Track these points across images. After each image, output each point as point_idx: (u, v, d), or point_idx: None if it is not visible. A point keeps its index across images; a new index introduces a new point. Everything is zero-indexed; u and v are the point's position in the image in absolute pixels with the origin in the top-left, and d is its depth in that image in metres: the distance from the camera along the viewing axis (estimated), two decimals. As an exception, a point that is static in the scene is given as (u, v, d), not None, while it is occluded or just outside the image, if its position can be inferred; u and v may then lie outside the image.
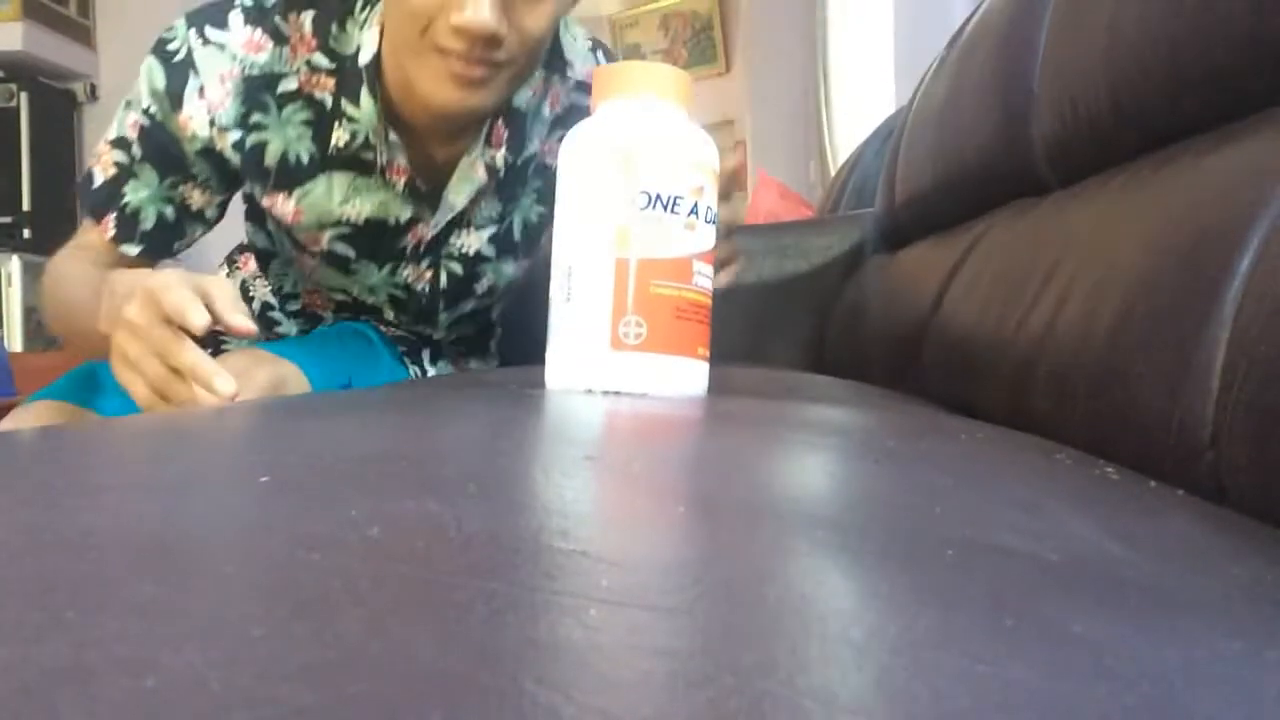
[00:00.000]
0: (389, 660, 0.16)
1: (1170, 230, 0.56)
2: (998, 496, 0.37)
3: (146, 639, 0.17)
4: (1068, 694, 0.18)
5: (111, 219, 0.99)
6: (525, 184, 1.05)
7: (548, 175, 1.05)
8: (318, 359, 1.01)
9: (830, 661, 0.18)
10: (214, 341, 1.17)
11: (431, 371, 1.16)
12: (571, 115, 1.04)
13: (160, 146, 0.97)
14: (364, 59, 0.93)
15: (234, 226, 1.17)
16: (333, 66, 0.94)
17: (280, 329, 1.21)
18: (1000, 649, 0.20)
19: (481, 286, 1.10)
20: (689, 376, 0.61)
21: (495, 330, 1.28)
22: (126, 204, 0.99)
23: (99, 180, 1.00)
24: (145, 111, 0.97)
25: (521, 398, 0.60)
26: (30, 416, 1.00)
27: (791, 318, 1.34)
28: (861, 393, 0.92)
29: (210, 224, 1.04)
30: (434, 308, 1.11)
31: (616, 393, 0.59)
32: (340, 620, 0.18)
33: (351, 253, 1.02)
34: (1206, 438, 0.47)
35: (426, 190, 1.00)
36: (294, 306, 1.19)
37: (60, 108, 4.52)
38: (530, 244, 1.09)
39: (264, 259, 1.18)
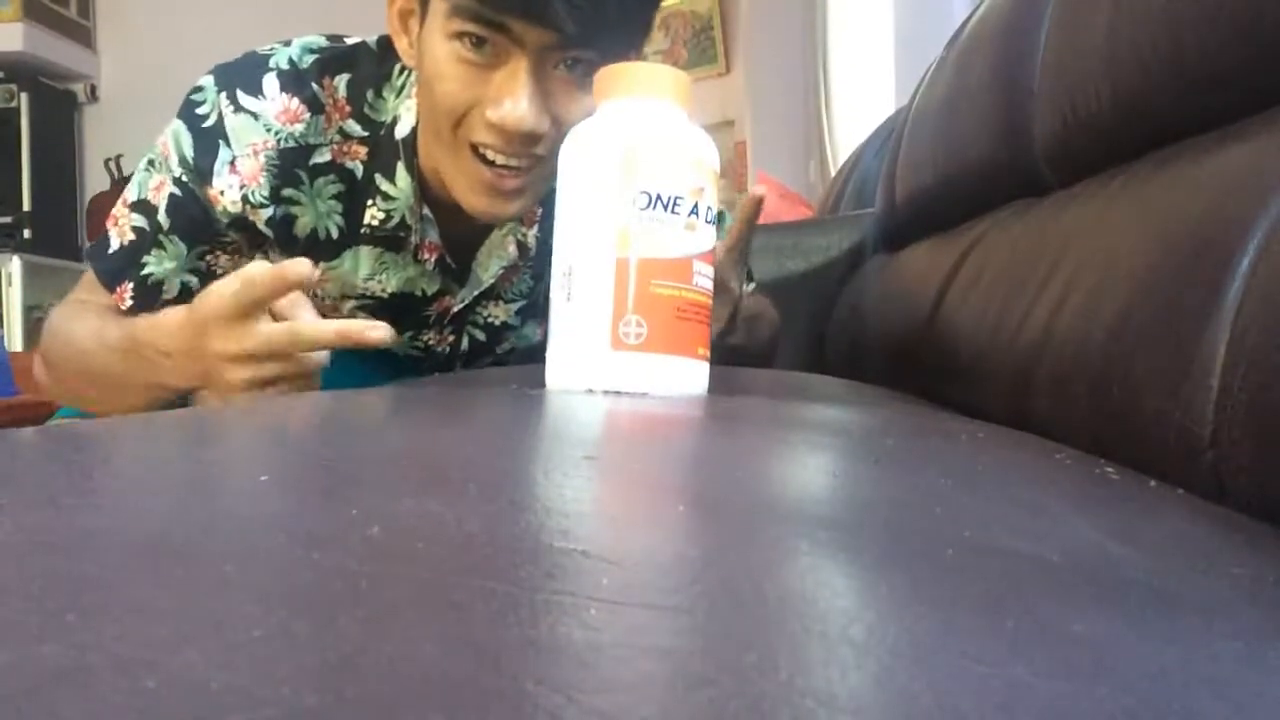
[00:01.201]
0: (389, 661, 0.16)
1: (1170, 230, 0.56)
2: (998, 496, 0.37)
3: (146, 639, 0.17)
4: (1068, 694, 0.18)
5: (129, 289, 0.93)
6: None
7: None
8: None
9: (830, 661, 0.18)
10: None
11: None
12: None
13: (191, 218, 0.92)
14: (401, 132, 0.89)
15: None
16: (366, 135, 0.90)
17: None
18: (1000, 649, 0.20)
19: (503, 348, 1.07)
20: (689, 376, 0.61)
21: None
22: (149, 275, 0.93)
23: (115, 245, 0.94)
24: (176, 180, 0.91)
25: (522, 397, 0.60)
26: None
27: (791, 318, 1.34)
28: (861, 392, 0.92)
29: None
30: (450, 365, 1.09)
31: (617, 393, 0.59)
32: (340, 621, 0.18)
33: (374, 317, 0.97)
34: (1206, 437, 0.47)
35: (456, 266, 0.98)
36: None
37: (61, 108, 4.53)
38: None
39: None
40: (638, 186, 0.57)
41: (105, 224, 0.94)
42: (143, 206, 0.92)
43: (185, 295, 0.92)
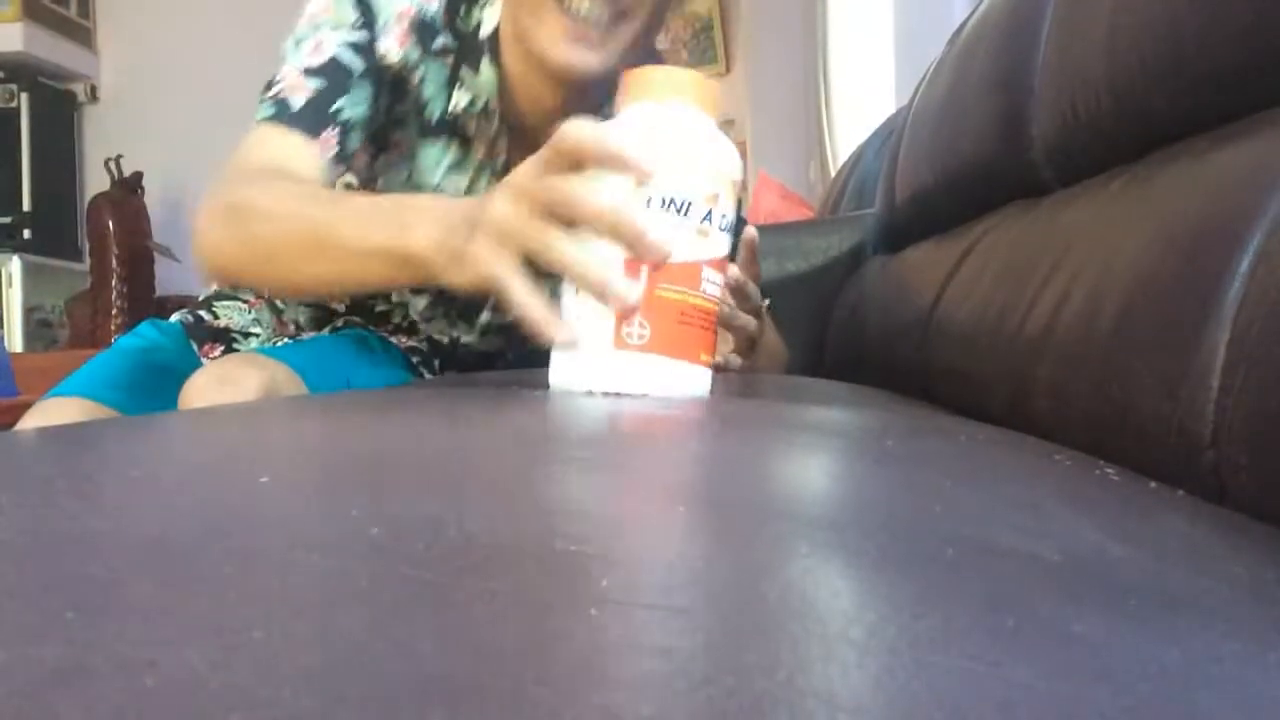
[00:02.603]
0: (389, 661, 0.16)
1: (1170, 230, 0.56)
2: (998, 497, 0.37)
3: (146, 639, 0.17)
4: (1068, 694, 0.18)
5: (334, 134, 0.88)
6: None
7: None
8: (315, 363, 1.01)
9: (831, 661, 0.18)
10: (226, 339, 1.17)
11: None
12: None
13: (364, 72, 0.91)
14: (485, 32, 0.95)
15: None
16: (455, 45, 0.96)
17: (288, 314, 1.19)
18: (1000, 649, 0.20)
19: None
20: (690, 381, 0.61)
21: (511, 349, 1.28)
22: (344, 117, 0.89)
23: (299, 102, 0.87)
24: (353, 25, 0.90)
25: (523, 398, 0.60)
26: (50, 415, 0.99)
27: (791, 318, 1.34)
28: (861, 394, 0.92)
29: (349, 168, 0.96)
30: (478, 306, 1.10)
31: (617, 394, 0.59)
32: (340, 621, 0.18)
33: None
34: (1206, 437, 0.47)
35: None
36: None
37: (60, 108, 4.52)
38: None
39: None
40: (650, 189, 0.57)
41: (276, 85, 0.89)
42: (315, 69, 0.88)
43: (366, 143, 0.93)
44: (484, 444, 0.44)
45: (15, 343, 4.08)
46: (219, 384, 0.95)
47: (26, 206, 4.24)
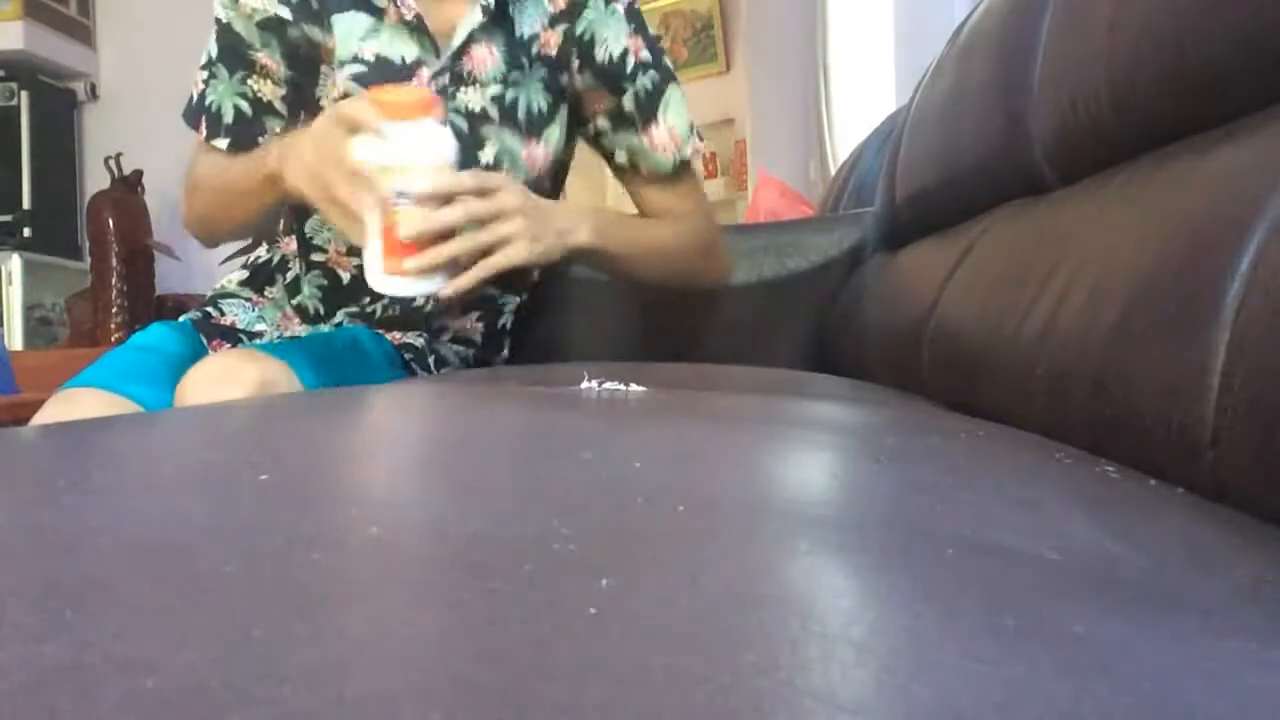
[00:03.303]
0: (389, 660, 0.16)
1: (1170, 229, 0.56)
2: (998, 496, 0.37)
3: (146, 639, 0.17)
4: (1068, 693, 0.18)
5: (203, 121, 1.12)
6: (530, 66, 1.12)
7: (551, 66, 1.12)
8: (310, 360, 1.02)
9: (830, 660, 0.18)
10: (233, 338, 1.19)
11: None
12: (572, 11, 1.11)
13: (230, 45, 1.10)
14: None
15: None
16: None
17: (300, 297, 1.22)
18: (1001, 648, 0.20)
19: (487, 155, 1.11)
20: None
21: (506, 339, 1.29)
22: (210, 104, 1.11)
23: (194, 99, 1.13)
24: (217, 20, 1.10)
25: (519, 396, 0.60)
26: (69, 407, 1.00)
27: (791, 316, 1.34)
28: (861, 391, 0.92)
29: (282, 119, 1.13)
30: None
31: (614, 390, 0.60)
32: (340, 620, 0.18)
33: (363, 91, 1.06)
34: (1206, 437, 0.47)
35: (430, 35, 1.09)
36: (319, 258, 1.21)
37: (61, 106, 4.52)
38: (535, 129, 1.13)
39: (303, 213, 1.21)
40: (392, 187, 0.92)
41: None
42: (205, 65, 1.12)
43: (240, 120, 1.11)
44: (482, 441, 0.44)
45: (15, 340, 4.08)
46: (216, 379, 0.95)
47: (27, 204, 4.24)
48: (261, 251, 1.28)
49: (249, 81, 1.12)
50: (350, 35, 1.09)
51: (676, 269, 1.19)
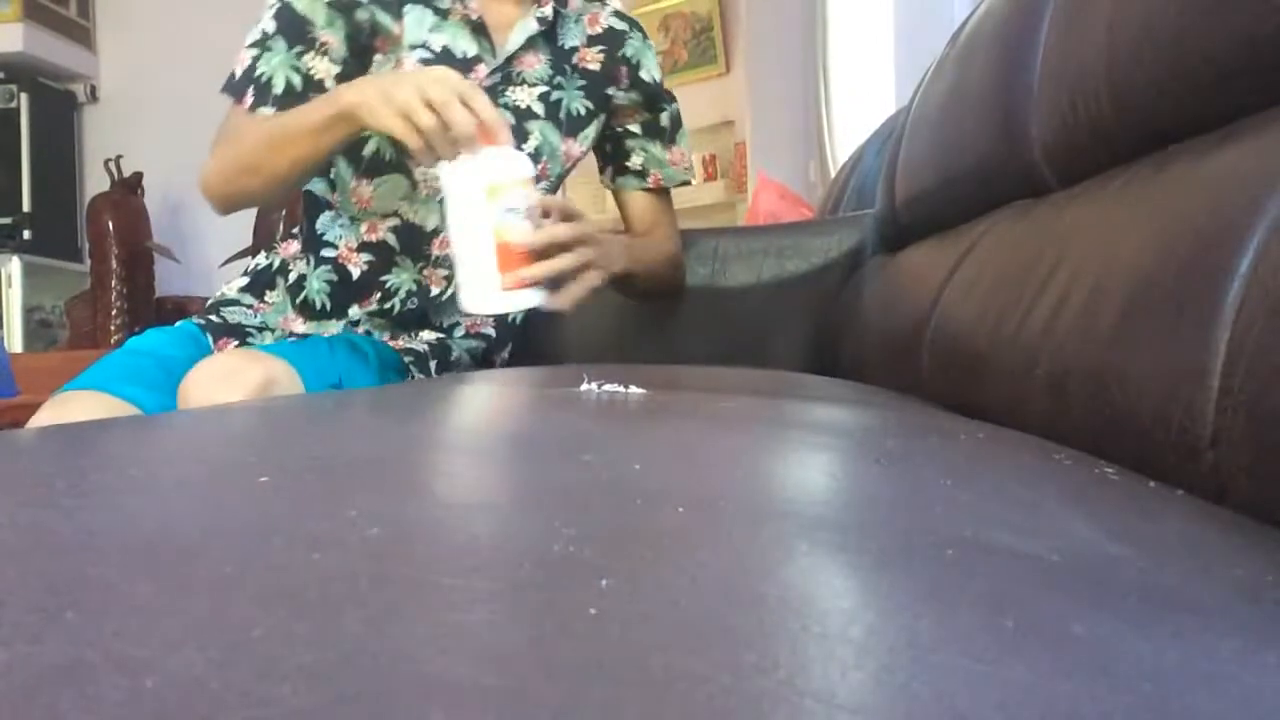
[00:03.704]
0: (389, 661, 0.16)
1: (1170, 230, 0.56)
2: (998, 496, 0.37)
3: (146, 639, 0.17)
4: (1068, 694, 0.18)
5: (250, 90, 1.13)
6: (571, 74, 1.26)
7: (592, 79, 1.27)
8: (309, 360, 1.02)
9: (830, 661, 0.18)
10: (240, 334, 1.20)
11: None
12: (606, 36, 1.28)
13: (291, 22, 1.13)
14: None
15: (235, 225, 1.19)
16: None
17: (307, 293, 1.24)
18: (1000, 649, 0.20)
19: (529, 146, 1.23)
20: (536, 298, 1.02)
21: (511, 335, 1.31)
22: (260, 74, 1.13)
23: (238, 75, 1.14)
24: (278, 0, 1.13)
25: (518, 398, 0.60)
26: (66, 409, 1.00)
27: (791, 318, 1.34)
28: (861, 393, 0.92)
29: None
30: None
31: (616, 391, 0.60)
32: (340, 621, 0.18)
33: None
34: (1206, 438, 0.47)
35: (490, 36, 1.19)
36: (329, 254, 1.23)
37: (60, 109, 4.52)
38: (573, 129, 1.27)
39: (314, 210, 1.26)
40: (498, 204, 0.97)
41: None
42: (255, 43, 1.14)
43: (289, 93, 1.12)
44: (484, 444, 0.44)
45: (15, 343, 4.08)
46: (219, 378, 0.96)
47: (26, 207, 4.24)
48: (260, 258, 1.29)
49: (304, 57, 1.14)
50: (420, 25, 1.17)
51: (661, 281, 1.36)
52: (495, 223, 0.97)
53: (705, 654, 0.18)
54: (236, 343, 1.18)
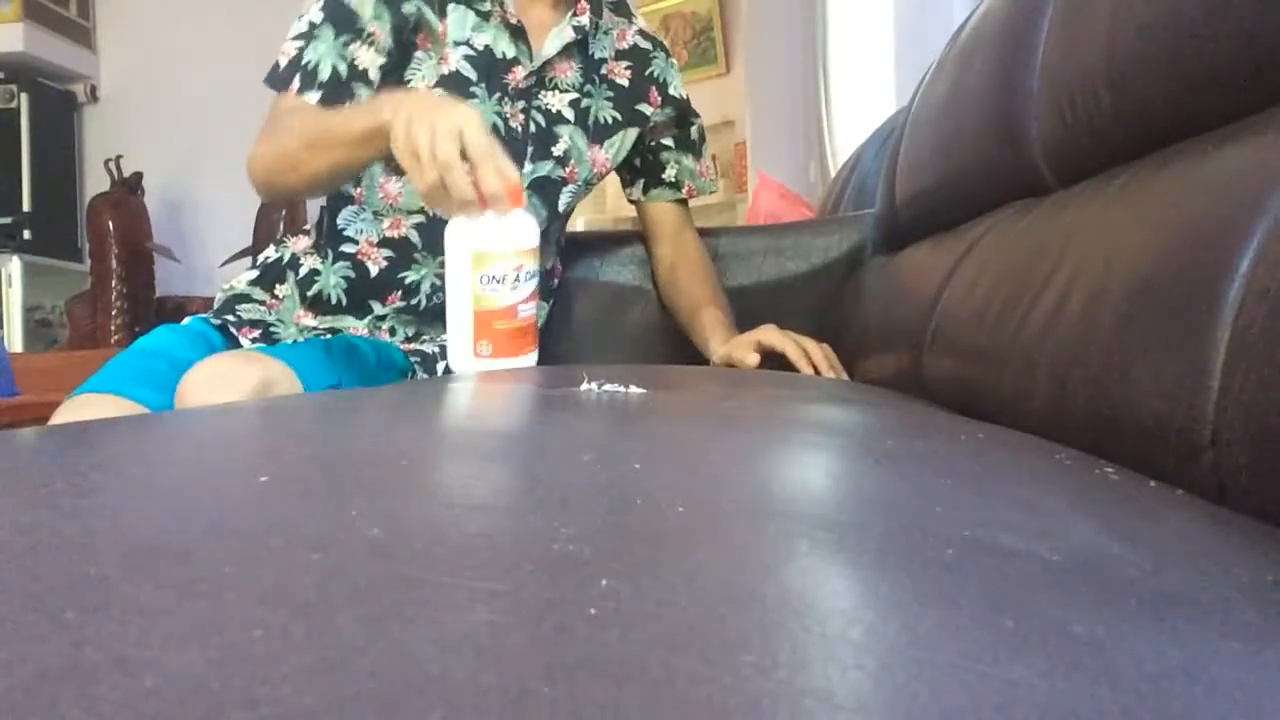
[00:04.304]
0: (389, 661, 0.16)
1: (1171, 230, 0.56)
2: (998, 496, 0.37)
3: (146, 639, 0.17)
4: (1067, 694, 0.18)
5: (296, 78, 1.14)
6: (599, 84, 1.30)
7: (621, 92, 1.32)
8: (307, 361, 1.02)
9: (830, 660, 0.18)
10: (263, 325, 1.21)
11: None
12: (633, 53, 1.32)
13: (339, 10, 1.14)
14: None
15: (235, 225, 1.19)
16: None
17: (317, 284, 1.24)
18: (1000, 649, 0.20)
19: (558, 149, 1.28)
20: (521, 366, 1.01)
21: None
22: (306, 62, 1.14)
23: (282, 65, 1.15)
24: None
25: (519, 399, 0.60)
26: (84, 413, 1.00)
27: (791, 318, 1.34)
28: (861, 393, 0.92)
29: (371, 88, 1.17)
30: (521, 151, 1.25)
31: (614, 391, 0.60)
32: (340, 621, 0.18)
33: (474, 74, 1.20)
34: (1206, 437, 0.47)
35: (527, 40, 1.22)
36: (349, 249, 1.24)
37: (60, 108, 4.52)
38: (600, 135, 1.31)
39: (336, 204, 1.27)
40: (481, 273, 0.98)
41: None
42: (299, 36, 1.15)
43: (335, 82, 1.14)
44: (483, 444, 0.44)
45: (15, 343, 4.08)
46: (215, 380, 0.96)
47: (26, 207, 4.24)
48: (270, 251, 1.30)
49: (350, 47, 1.15)
50: (463, 24, 1.20)
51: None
52: (475, 289, 0.99)
53: (705, 654, 0.18)
54: (259, 333, 1.19)
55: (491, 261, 0.98)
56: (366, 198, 1.24)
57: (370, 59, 1.16)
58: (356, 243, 1.24)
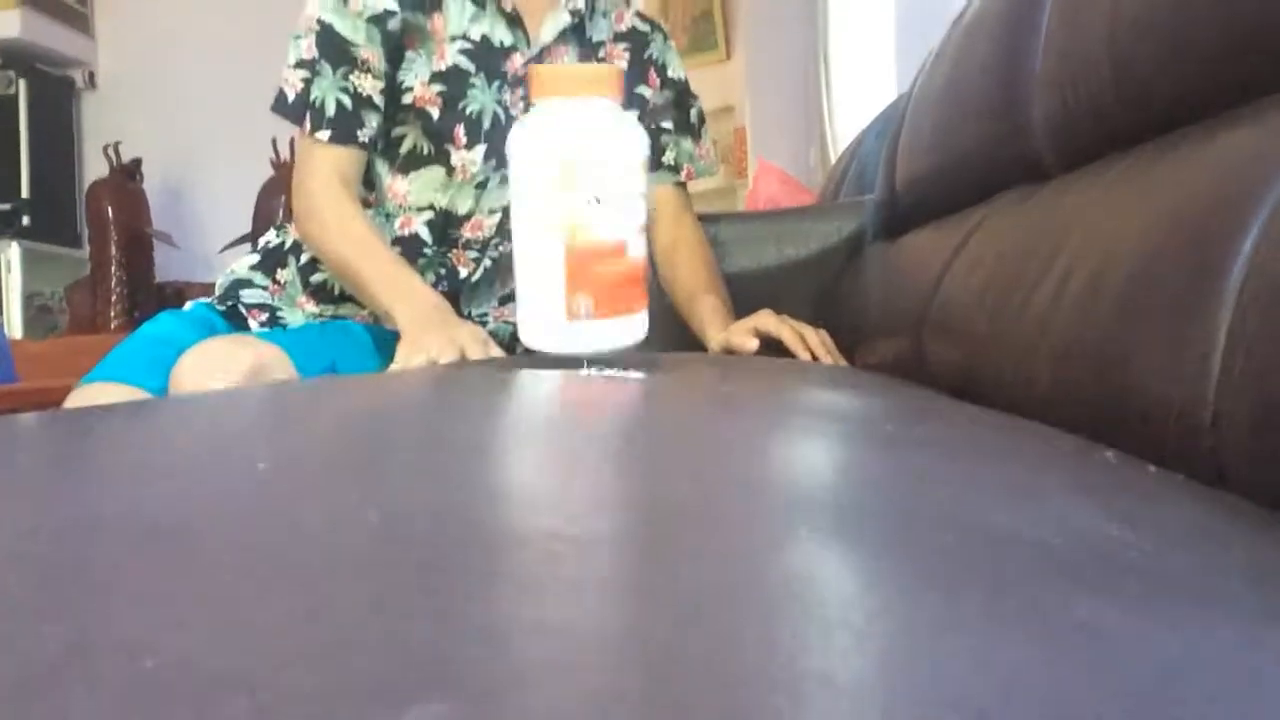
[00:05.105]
0: (387, 643, 0.16)
1: (1172, 215, 0.56)
2: (999, 481, 0.37)
3: (146, 621, 0.17)
4: (1068, 677, 0.18)
5: (308, 117, 1.16)
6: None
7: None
8: (301, 345, 1.02)
9: (830, 645, 0.18)
10: (270, 309, 1.21)
11: None
12: (631, 35, 1.31)
13: (333, 45, 1.14)
14: None
15: (235, 210, 1.18)
16: None
17: (319, 274, 1.24)
18: (1000, 633, 0.20)
19: None
20: (629, 330, 0.72)
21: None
22: (314, 100, 1.16)
23: (290, 97, 1.17)
24: (318, 22, 1.14)
25: (520, 385, 0.60)
26: (95, 401, 1.00)
27: (791, 304, 1.34)
28: (862, 378, 0.92)
29: (378, 112, 1.18)
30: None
31: (606, 368, 0.60)
32: (339, 604, 0.18)
33: (471, 66, 1.19)
34: (1207, 422, 0.47)
35: (524, 26, 1.21)
36: None
37: (59, 95, 4.51)
38: None
39: None
40: (584, 193, 0.67)
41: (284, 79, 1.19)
42: (300, 64, 1.16)
43: (343, 113, 1.15)
44: (483, 430, 0.44)
45: (15, 329, 4.07)
46: (210, 364, 0.96)
47: (25, 193, 4.23)
48: (271, 235, 1.30)
49: (350, 77, 1.17)
50: (461, 15, 1.20)
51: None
52: (567, 217, 0.68)
53: (705, 636, 0.18)
54: (266, 316, 1.20)
55: (592, 172, 0.67)
56: (378, 200, 1.24)
57: (371, 85, 1.17)
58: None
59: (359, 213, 1.16)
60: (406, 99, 1.20)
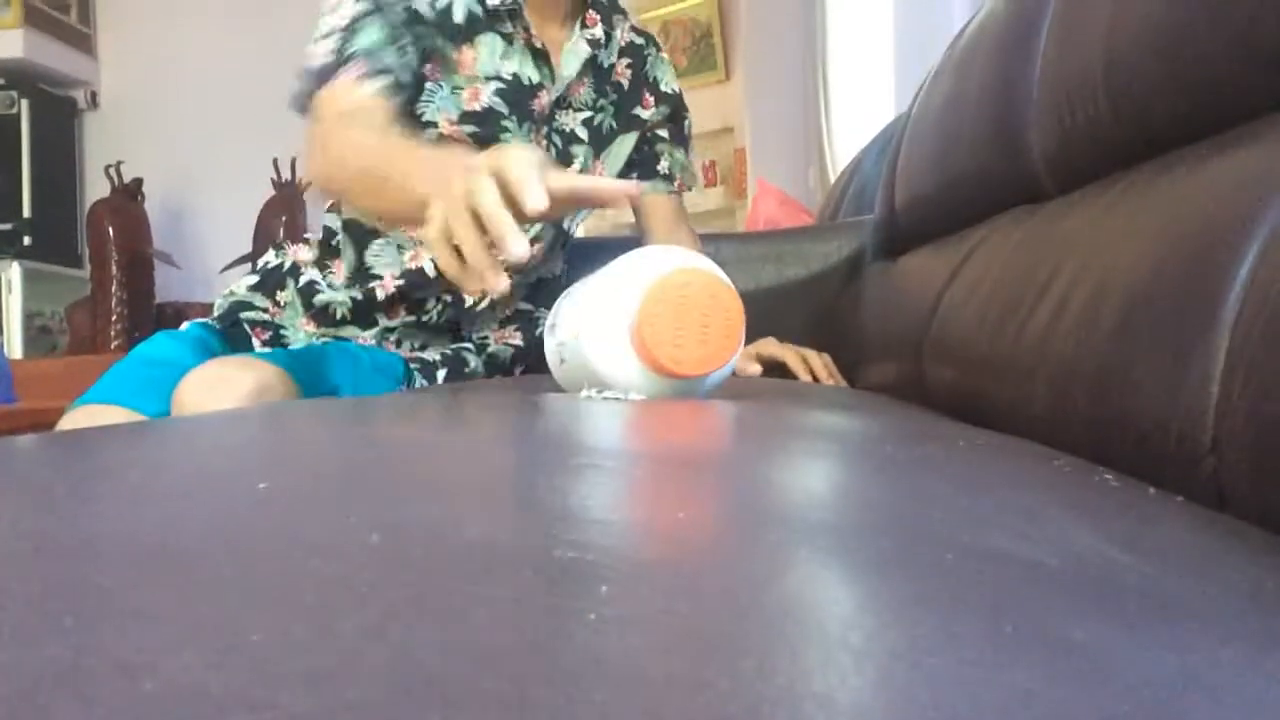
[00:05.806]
0: (388, 665, 0.16)
1: (1170, 237, 0.56)
2: (997, 503, 0.37)
3: (145, 642, 0.17)
4: (1066, 700, 0.18)
5: (350, 67, 1.04)
6: (610, 93, 1.28)
7: (622, 94, 1.29)
8: (303, 366, 1.02)
9: (829, 666, 0.18)
10: (273, 327, 1.21)
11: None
12: (630, 49, 1.30)
13: (383, 6, 1.06)
14: None
15: (235, 230, 1.17)
16: None
17: (321, 296, 1.23)
18: (999, 654, 0.20)
19: (574, 169, 1.25)
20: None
21: (528, 355, 1.31)
22: (356, 50, 1.04)
23: (318, 64, 1.05)
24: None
25: (521, 405, 0.60)
26: (89, 424, 1.00)
27: (791, 324, 1.34)
28: (861, 399, 0.92)
29: (406, 94, 1.10)
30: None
31: (614, 398, 0.60)
32: (339, 625, 0.18)
33: (505, 108, 1.15)
34: (1206, 444, 0.47)
35: (549, 61, 1.19)
36: (373, 285, 1.21)
37: (61, 115, 4.53)
38: (601, 145, 1.28)
39: (363, 239, 1.22)
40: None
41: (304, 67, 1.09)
42: (330, 33, 1.05)
43: (376, 54, 1.05)
44: (484, 450, 0.44)
45: (15, 349, 4.08)
46: (212, 385, 0.96)
47: (27, 213, 4.24)
48: (270, 256, 1.29)
49: (396, 26, 1.08)
50: (493, 53, 1.15)
51: None
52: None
53: (704, 659, 0.18)
54: (269, 334, 1.20)
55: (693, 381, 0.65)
56: (393, 231, 1.22)
57: (411, 54, 1.08)
58: (381, 278, 1.22)
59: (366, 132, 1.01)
60: (430, 134, 1.14)
